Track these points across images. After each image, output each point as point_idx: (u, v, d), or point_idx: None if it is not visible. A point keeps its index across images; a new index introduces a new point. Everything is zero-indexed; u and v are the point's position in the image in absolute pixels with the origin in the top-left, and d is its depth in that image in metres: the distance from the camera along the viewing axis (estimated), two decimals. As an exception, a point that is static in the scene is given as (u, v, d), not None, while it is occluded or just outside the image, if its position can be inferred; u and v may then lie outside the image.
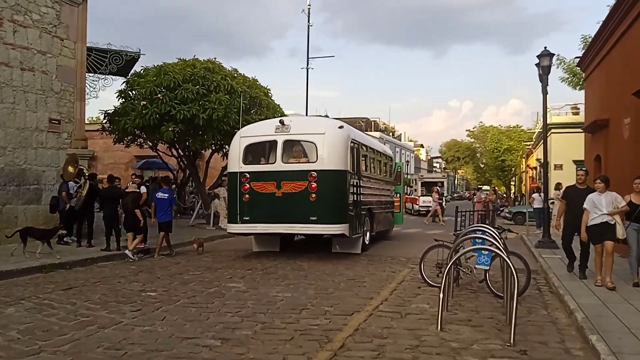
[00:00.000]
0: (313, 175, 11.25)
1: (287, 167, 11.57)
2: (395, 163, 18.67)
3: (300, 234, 13.16)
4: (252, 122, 17.49)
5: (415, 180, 40.86)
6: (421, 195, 33.99)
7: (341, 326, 6.10)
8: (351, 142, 12.07)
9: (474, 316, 6.70)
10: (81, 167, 13.29)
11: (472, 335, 5.80)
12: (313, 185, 11.21)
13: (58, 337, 5.58)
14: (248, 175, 11.71)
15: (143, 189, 13.12)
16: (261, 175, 11.69)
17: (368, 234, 13.39)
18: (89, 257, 11.19)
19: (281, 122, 11.95)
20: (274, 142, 11.77)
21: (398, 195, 17.52)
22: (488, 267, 7.61)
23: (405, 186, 32.17)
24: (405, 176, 40.15)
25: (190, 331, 5.82)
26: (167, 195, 12.48)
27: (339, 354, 5.11)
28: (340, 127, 11.95)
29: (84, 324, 6.07)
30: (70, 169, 12.83)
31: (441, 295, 6.10)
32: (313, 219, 11.18)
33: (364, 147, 13.34)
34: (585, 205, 8.43)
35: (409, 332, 5.89)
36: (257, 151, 12.19)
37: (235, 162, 12.02)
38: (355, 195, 12.20)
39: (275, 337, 5.62)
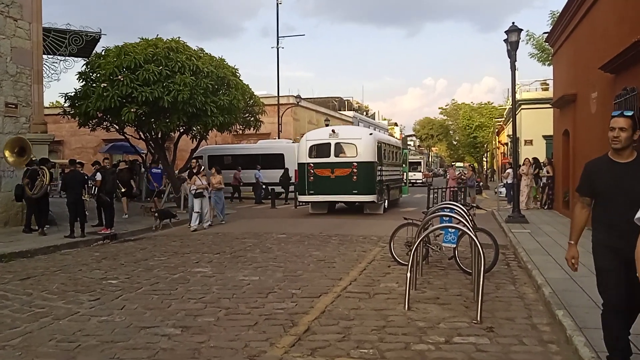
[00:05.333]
0: (354, 164, 17.01)
1: (338, 160, 17.41)
2: (403, 150, 24.36)
3: (345, 202, 18.59)
4: (220, 104, 17.28)
5: None
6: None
7: (308, 309, 5.96)
8: (377, 142, 17.86)
9: (442, 294, 6.64)
10: (33, 156, 12.79)
11: (440, 314, 5.73)
12: (355, 171, 16.94)
13: (9, 330, 5.31)
14: (312, 165, 17.51)
15: (98, 176, 12.88)
16: (321, 164, 17.46)
17: (386, 201, 18.81)
18: (52, 245, 10.84)
19: (333, 130, 17.95)
20: (329, 144, 17.58)
21: (404, 173, 23.66)
22: (454, 245, 7.56)
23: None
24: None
25: (150, 320, 5.61)
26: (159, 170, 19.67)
27: (304, 338, 4.97)
28: (371, 134, 18.40)
29: (38, 316, 5.81)
30: (7, 153, 12.38)
31: (408, 275, 5.99)
32: (355, 192, 17.06)
33: (384, 144, 19.22)
34: None
35: (376, 313, 5.79)
36: (318, 149, 17.77)
37: (304, 156, 17.81)
38: (379, 177, 17.65)
39: (239, 323, 5.45)
